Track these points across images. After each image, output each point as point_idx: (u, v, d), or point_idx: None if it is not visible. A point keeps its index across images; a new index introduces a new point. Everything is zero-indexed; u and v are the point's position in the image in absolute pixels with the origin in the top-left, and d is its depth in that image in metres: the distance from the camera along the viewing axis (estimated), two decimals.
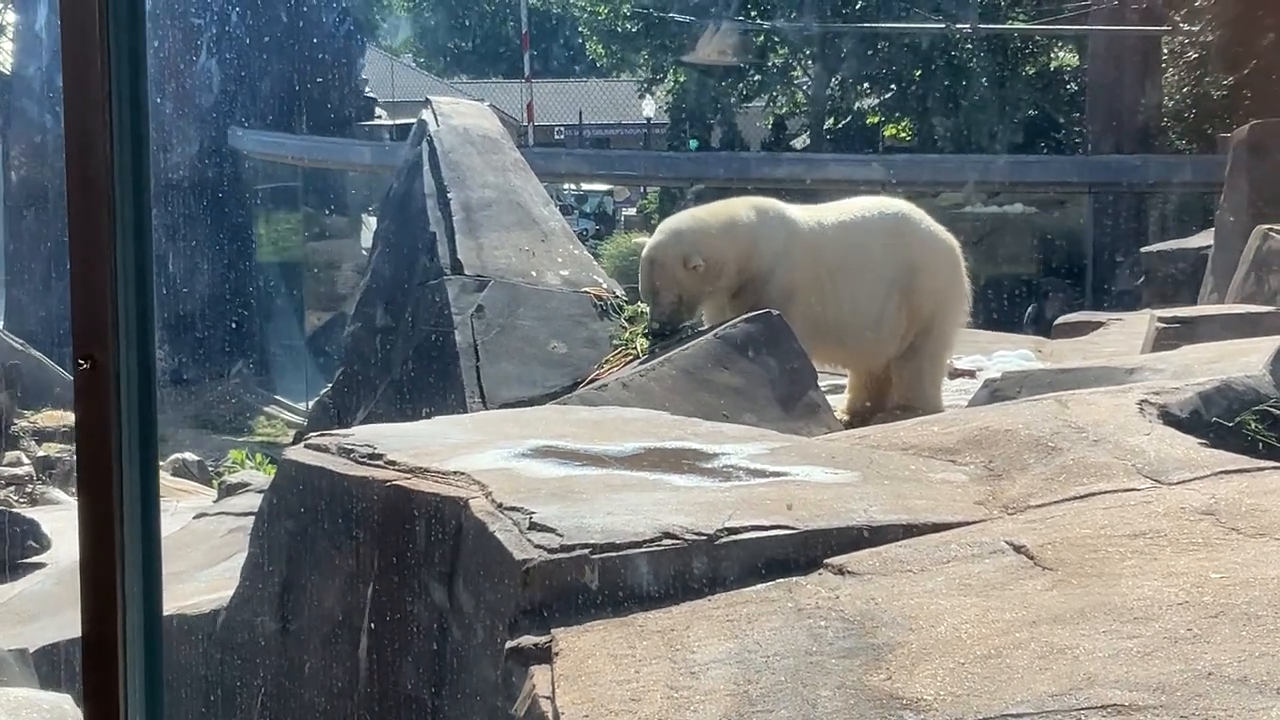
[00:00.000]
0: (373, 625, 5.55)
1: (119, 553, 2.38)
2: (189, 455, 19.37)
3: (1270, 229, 13.62)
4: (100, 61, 2.22)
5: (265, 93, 38.11)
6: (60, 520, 10.82)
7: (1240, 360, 7.68)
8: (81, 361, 2.32)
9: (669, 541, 4.73)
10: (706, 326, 9.82)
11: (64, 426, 18.33)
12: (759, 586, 4.63)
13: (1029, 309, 29.02)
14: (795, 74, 44.52)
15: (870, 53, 40.39)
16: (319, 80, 38.09)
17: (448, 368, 9.98)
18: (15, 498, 15.37)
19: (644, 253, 9.95)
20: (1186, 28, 35.55)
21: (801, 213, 10.37)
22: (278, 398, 35.89)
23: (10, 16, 40.43)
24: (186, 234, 35.04)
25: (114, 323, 2.29)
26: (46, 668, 7.64)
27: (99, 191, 2.24)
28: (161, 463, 17.04)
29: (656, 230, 10.33)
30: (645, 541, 4.72)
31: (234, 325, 37.12)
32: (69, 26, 2.18)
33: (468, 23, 63.67)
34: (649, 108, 49.27)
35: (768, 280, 9.90)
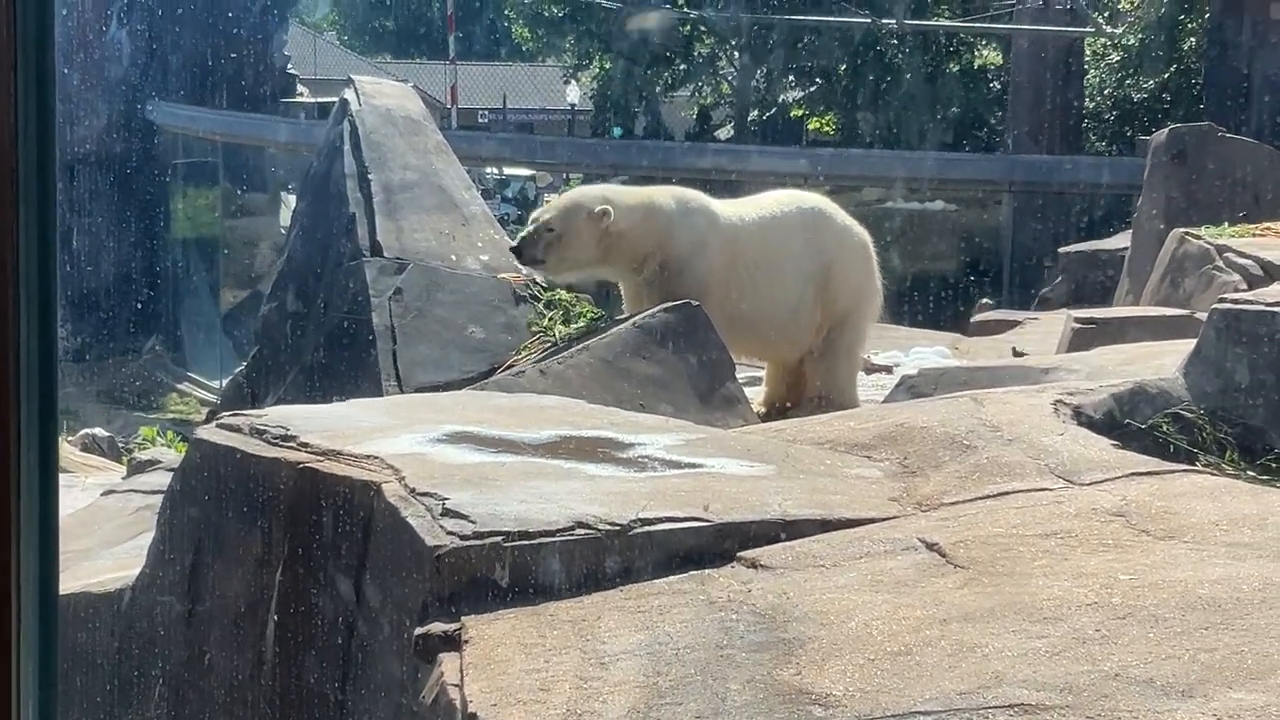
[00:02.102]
0: (280, 607, 5.50)
1: (14, 525, 2.33)
2: (99, 431, 19.17)
3: (1187, 232, 13.76)
4: (5, 29, 2.17)
5: (181, 66, 37.73)
6: None
7: (1154, 363, 7.75)
8: None
9: (582, 531, 4.71)
10: (625, 315, 9.80)
11: None
12: (671, 578, 4.62)
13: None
14: (721, 65, 44.65)
15: (797, 46, 40.55)
16: (236, 54, 37.74)
17: (364, 350, 9.91)
18: None
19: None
20: (1109, 30, 35.92)
21: (721, 205, 10.38)
22: (191, 375, 35.63)
23: None
24: (97, 208, 34.69)
25: (15, 297, 2.24)
26: None
27: (2, 163, 2.19)
28: (70, 438, 16.85)
29: None
30: (558, 530, 4.70)
31: (147, 301, 36.79)
32: None
33: (392, 2, 63.36)
34: (574, 94, 49.29)
35: (683, 269, 9.89)
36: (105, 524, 9.19)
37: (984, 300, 26.05)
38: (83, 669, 6.61)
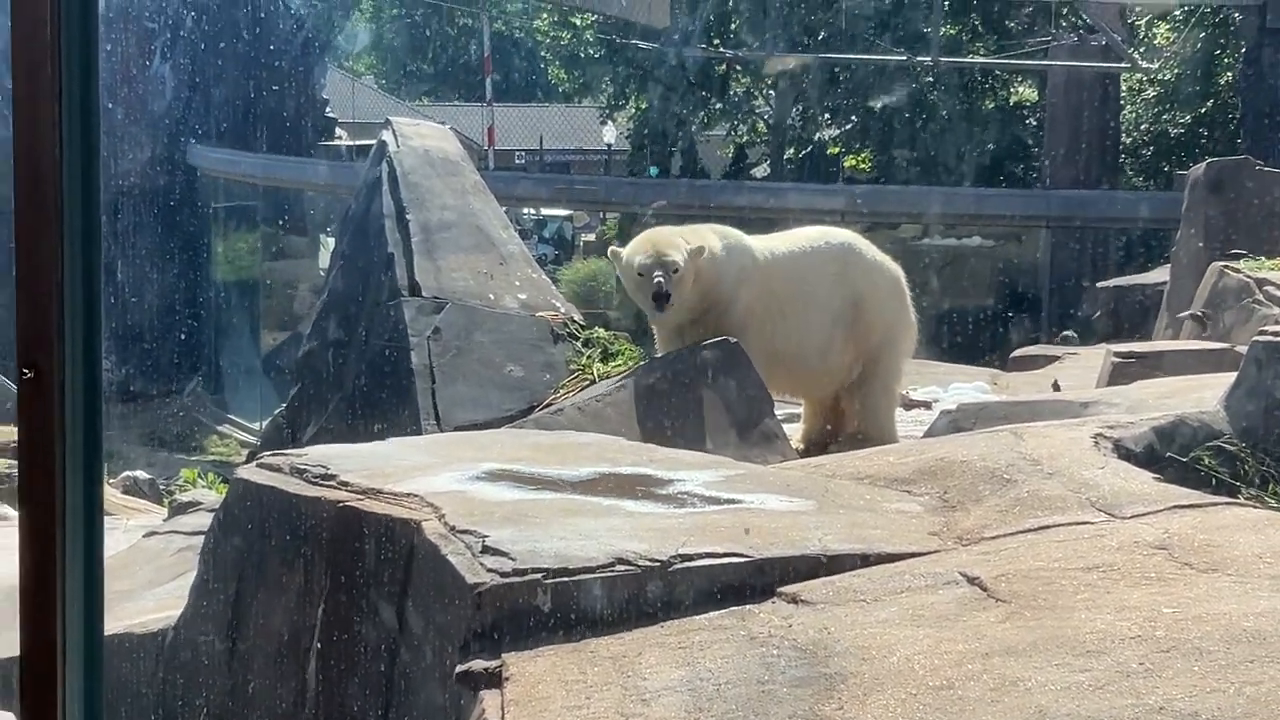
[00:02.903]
0: (321, 647, 5.51)
1: (60, 567, 2.34)
2: (140, 473, 19.21)
3: (1225, 266, 13.71)
4: (51, 65, 2.19)
5: (221, 107, 37.88)
6: (7, 536, 10.70)
7: (1194, 396, 7.72)
8: (25, 371, 2.27)
9: (622, 567, 4.70)
10: (661, 354, 9.80)
11: (13, 442, 18.15)
12: (712, 614, 4.61)
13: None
14: (757, 103, 44.69)
15: (832, 83, 40.57)
16: (275, 95, 37.90)
17: (402, 389, 9.93)
18: None
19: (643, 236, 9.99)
20: (1146, 65, 35.86)
21: (755, 242, 10.39)
22: (231, 416, 35.73)
23: None
24: (142, 246, 34.88)
25: (59, 331, 2.25)
26: None
27: (46, 196, 2.20)
28: (112, 480, 16.93)
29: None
30: (598, 567, 4.70)
31: (188, 343, 36.94)
32: (19, 27, 2.15)
33: (430, 46, 63.68)
34: (610, 134, 49.39)
35: (728, 307, 9.89)
36: (147, 565, 9.22)
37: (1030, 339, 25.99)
38: (127, 708, 6.63)
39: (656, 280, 9.52)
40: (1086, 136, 34.25)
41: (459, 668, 4.52)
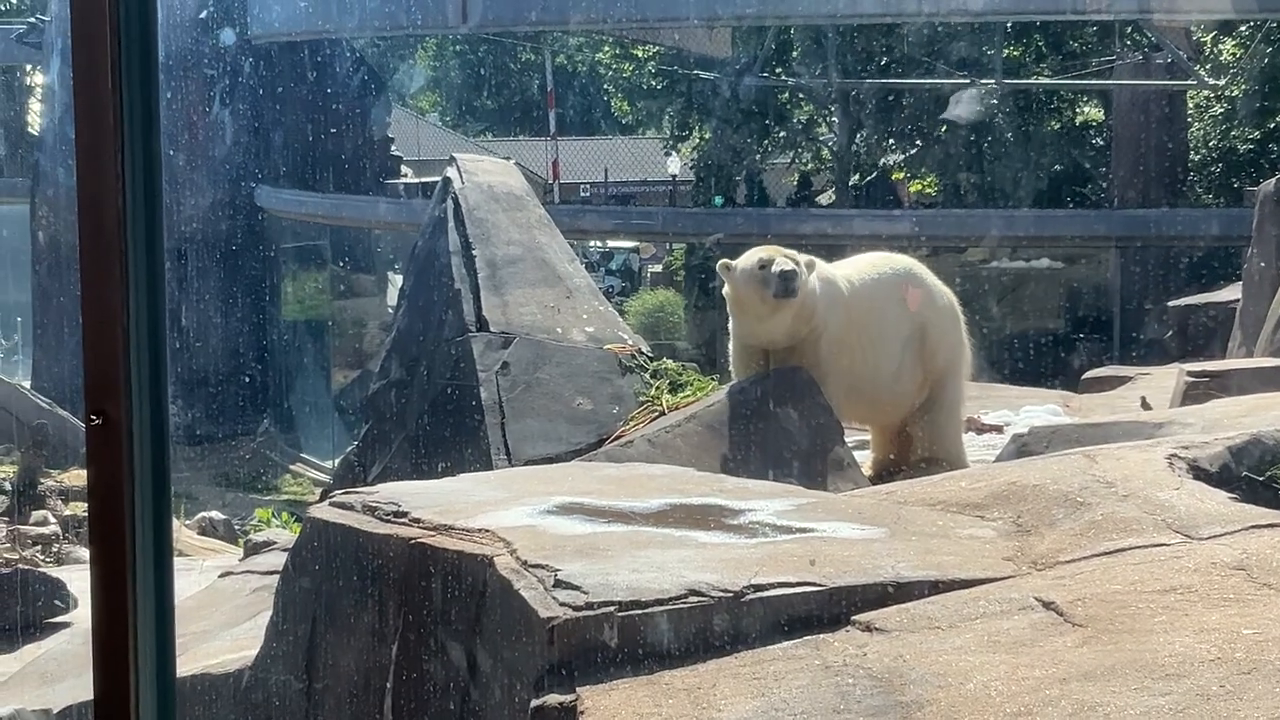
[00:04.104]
0: (396, 684, 5.52)
1: (132, 609, 2.36)
2: (215, 514, 19.39)
3: None
4: (113, 113, 2.21)
5: (284, 148, 38.18)
6: (86, 579, 10.79)
7: (1270, 414, 7.63)
8: (94, 417, 2.30)
9: (695, 599, 4.69)
10: (734, 381, 9.80)
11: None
12: (786, 644, 4.59)
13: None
14: (820, 130, 44.62)
15: (895, 108, 40.47)
16: (339, 136, 38.14)
17: (472, 424, 9.97)
18: (42, 557, 15.39)
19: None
20: (1212, 82, 35.59)
21: (830, 269, 10.39)
22: (304, 456, 35.92)
23: (39, 78, 40.79)
24: (210, 290, 35.18)
25: (126, 377, 2.27)
26: None
27: (111, 243, 2.22)
28: (188, 522, 17.10)
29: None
30: (671, 599, 4.68)
31: (259, 383, 37.19)
32: (81, 77, 2.17)
33: (493, 81, 63.97)
34: (674, 164, 49.41)
35: (819, 338, 9.89)
36: (223, 605, 9.28)
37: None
38: None
39: (780, 269, 9.48)
40: (1153, 155, 34.00)
41: (534, 702, 4.52)
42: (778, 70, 41.75)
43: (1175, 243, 31.98)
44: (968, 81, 36.97)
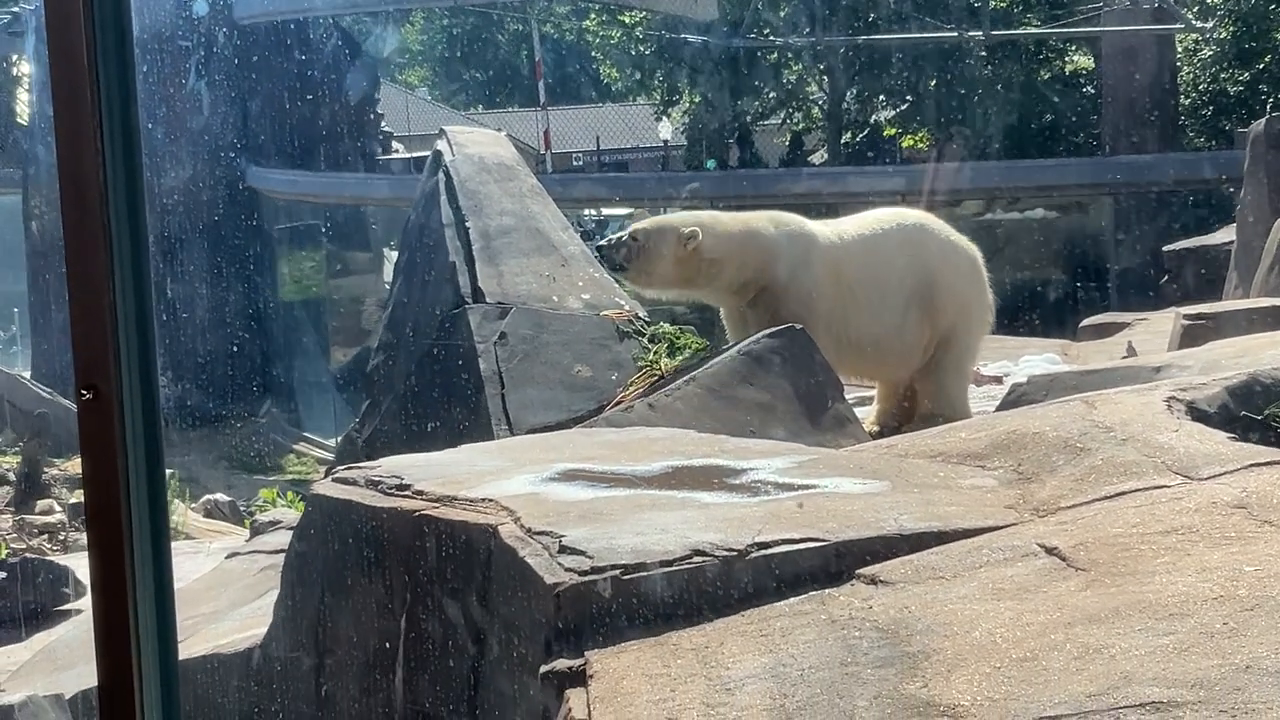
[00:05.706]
0: (406, 655, 5.54)
1: (130, 583, 2.37)
2: (220, 496, 19.44)
3: None
4: (89, 87, 2.21)
5: (277, 131, 38.14)
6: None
7: (1267, 354, 7.65)
8: (84, 392, 2.31)
9: (699, 559, 4.71)
10: (729, 344, 9.81)
11: None
12: (791, 600, 4.61)
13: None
14: (810, 90, 44.56)
15: (884, 65, 40.40)
16: (329, 114, 38.09)
17: (472, 395, 9.98)
18: (48, 545, 15.43)
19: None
20: (1200, 24, 35.53)
21: (819, 227, 10.40)
22: (307, 435, 35.95)
23: (25, 67, 40.70)
24: (207, 275, 35.19)
25: (115, 352, 2.28)
26: (83, 714, 7.66)
27: (93, 219, 2.23)
28: (193, 505, 17.14)
29: None
30: (675, 560, 4.70)
31: (260, 364, 37.22)
32: (57, 54, 2.17)
33: (481, 54, 63.83)
34: (665, 130, 49.37)
35: (786, 293, 9.92)
36: (231, 586, 9.31)
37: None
38: None
39: (598, 245, 10.02)
40: (1144, 100, 33.99)
41: (543, 668, 4.53)
42: (765, 31, 41.66)
43: (1168, 188, 31.98)
44: (955, 34, 36.91)
